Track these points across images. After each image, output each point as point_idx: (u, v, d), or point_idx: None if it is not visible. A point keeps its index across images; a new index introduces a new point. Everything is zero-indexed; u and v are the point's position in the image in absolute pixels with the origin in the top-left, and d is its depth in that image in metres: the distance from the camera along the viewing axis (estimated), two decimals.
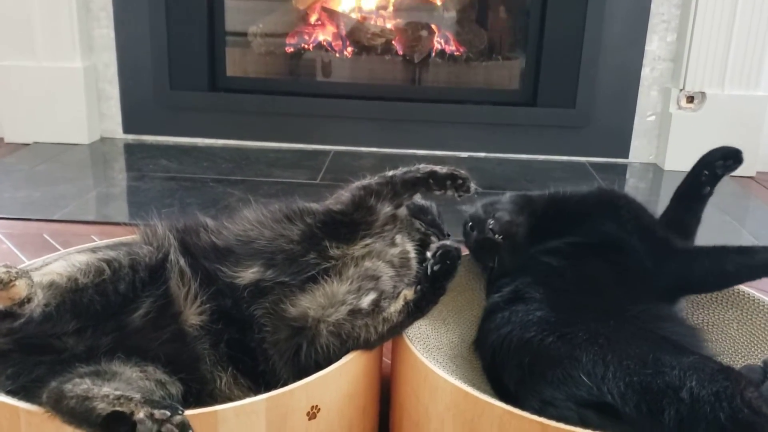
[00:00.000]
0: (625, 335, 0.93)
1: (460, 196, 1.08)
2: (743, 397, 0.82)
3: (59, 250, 1.76)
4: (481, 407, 0.87)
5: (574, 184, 2.46)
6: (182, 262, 0.99)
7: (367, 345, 0.96)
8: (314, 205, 1.09)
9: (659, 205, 2.45)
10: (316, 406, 0.91)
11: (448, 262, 0.98)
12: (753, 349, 1.15)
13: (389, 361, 1.11)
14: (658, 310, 1.03)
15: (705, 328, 1.18)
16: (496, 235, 1.13)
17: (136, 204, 2.18)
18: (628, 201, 1.18)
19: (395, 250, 1.06)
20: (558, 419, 0.86)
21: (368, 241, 1.05)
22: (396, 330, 0.97)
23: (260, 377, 0.96)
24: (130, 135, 2.82)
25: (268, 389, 0.91)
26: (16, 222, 1.96)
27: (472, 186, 1.08)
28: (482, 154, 2.78)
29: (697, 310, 1.22)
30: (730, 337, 1.18)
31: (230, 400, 0.92)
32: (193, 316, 0.96)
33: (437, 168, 1.08)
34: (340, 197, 1.08)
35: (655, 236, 1.11)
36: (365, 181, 1.08)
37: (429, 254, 0.99)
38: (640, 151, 2.76)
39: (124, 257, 0.95)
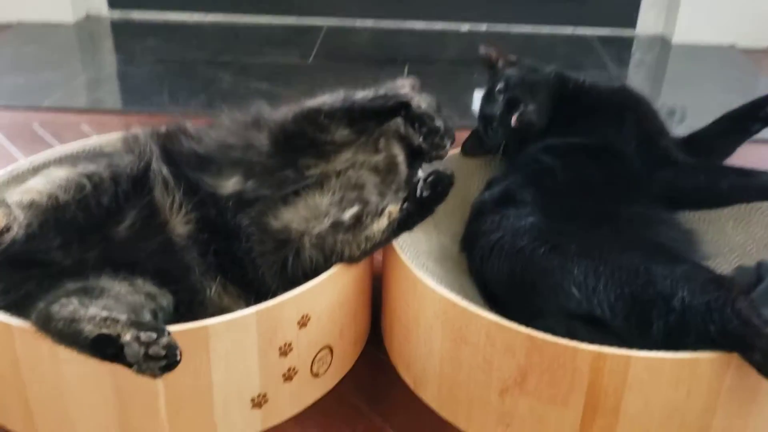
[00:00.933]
0: (618, 244, 0.92)
1: (429, 155, 1.03)
2: (734, 306, 0.81)
3: (50, 143, 1.73)
4: (468, 317, 0.88)
5: (578, 59, 2.39)
6: (165, 171, 0.97)
7: (351, 260, 0.95)
8: (276, 115, 1.05)
9: (666, 78, 2.43)
10: (307, 315, 0.92)
11: (439, 189, 0.91)
12: (748, 248, 1.15)
13: (381, 258, 1.10)
14: (652, 214, 1.02)
15: (701, 225, 1.17)
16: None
17: (125, 90, 2.13)
18: (638, 104, 1.14)
19: (379, 157, 1.03)
20: (546, 331, 0.87)
21: (347, 155, 1.02)
22: (380, 245, 0.95)
23: (250, 285, 0.96)
24: (116, 11, 2.70)
25: (258, 297, 0.92)
26: (4, 112, 1.91)
27: (448, 145, 1.03)
28: (484, 27, 2.67)
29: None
30: (726, 235, 1.17)
31: (221, 309, 0.93)
32: (179, 225, 0.95)
33: (414, 101, 1.01)
34: (291, 110, 1.04)
35: (655, 145, 1.08)
36: (322, 99, 1.04)
37: (420, 177, 0.93)
38: (648, 22, 2.64)
39: (105, 170, 0.93)
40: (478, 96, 2.12)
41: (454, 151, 1.21)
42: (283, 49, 2.42)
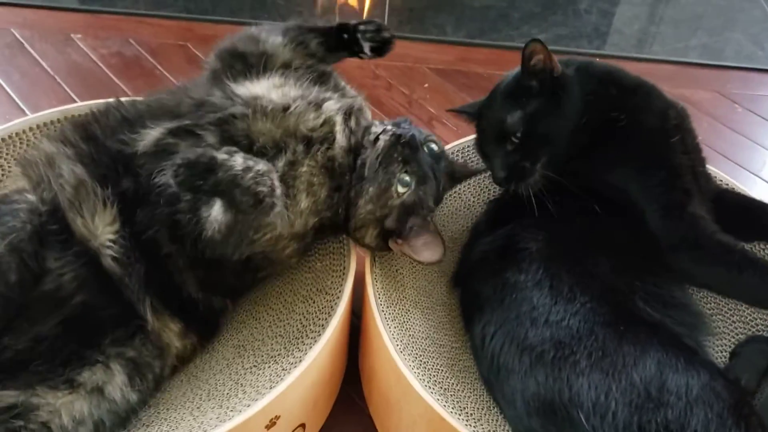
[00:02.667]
0: (634, 349, 0.80)
1: (376, 50, 0.96)
2: None
3: None
4: None
5: None
6: (78, 171, 0.83)
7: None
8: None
9: None
10: (276, 416, 0.82)
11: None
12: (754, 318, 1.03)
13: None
14: (666, 294, 0.90)
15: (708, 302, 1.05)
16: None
17: None
18: (676, 153, 0.94)
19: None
20: None
21: (276, 80, 0.91)
22: None
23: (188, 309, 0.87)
24: None
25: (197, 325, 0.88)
26: None
27: (387, 34, 0.97)
28: None
29: None
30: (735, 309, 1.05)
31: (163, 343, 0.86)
32: (104, 235, 0.81)
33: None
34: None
35: (683, 212, 0.91)
36: None
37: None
38: None
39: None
40: None
41: None
42: None
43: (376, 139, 0.89)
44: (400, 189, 0.88)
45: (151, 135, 0.85)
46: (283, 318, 0.93)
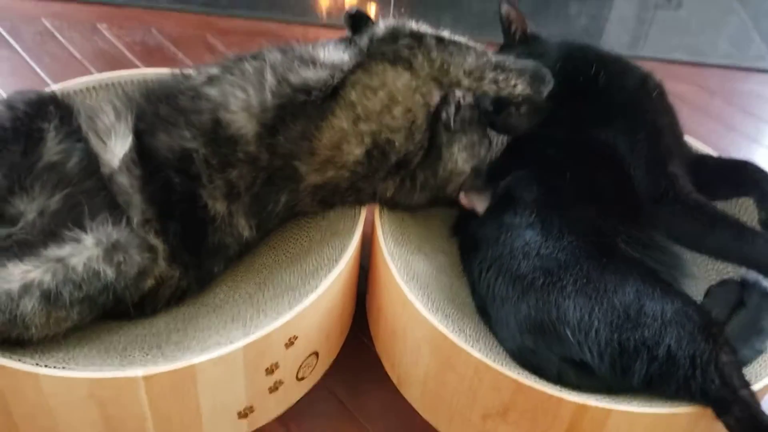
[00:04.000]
0: (614, 278, 0.90)
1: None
2: (717, 363, 0.83)
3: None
4: (458, 351, 0.88)
5: None
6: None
7: None
8: None
9: None
10: (294, 336, 0.91)
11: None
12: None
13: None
14: (648, 238, 0.99)
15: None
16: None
17: None
18: (656, 115, 1.05)
19: None
20: (537, 367, 0.89)
21: None
22: None
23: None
24: None
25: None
26: None
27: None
28: None
29: None
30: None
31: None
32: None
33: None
34: None
35: (664, 171, 1.01)
36: None
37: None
38: None
39: None
40: None
41: None
42: None
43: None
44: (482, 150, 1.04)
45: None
46: (300, 258, 1.03)
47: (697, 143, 1.19)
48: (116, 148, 0.93)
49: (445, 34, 0.98)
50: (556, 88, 1.04)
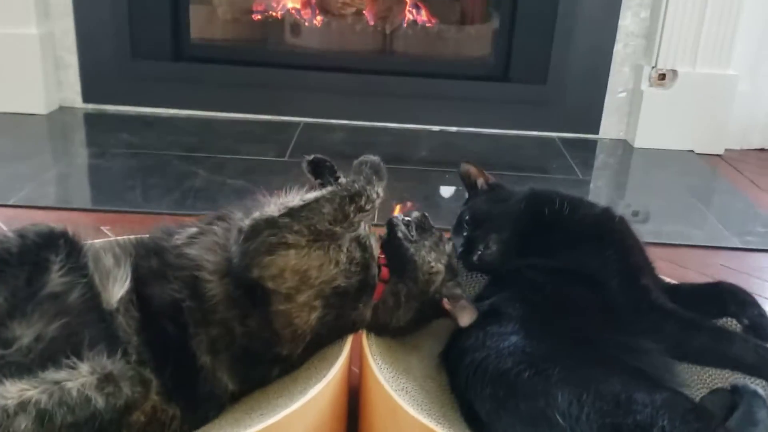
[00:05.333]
0: (600, 369, 0.92)
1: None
2: None
3: None
4: None
5: (544, 161, 2.45)
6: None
7: None
8: None
9: (629, 181, 2.50)
10: None
11: None
12: (727, 374, 1.14)
13: (357, 370, 1.09)
14: (633, 343, 1.02)
15: None
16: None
17: (97, 186, 2.12)
18: (621, 237, 1.15)
19: None
20: None
21: None
22: None
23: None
24: (89, 105, 2.72)
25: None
26: None
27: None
28: (454, 129, 2.75)
29: None
30: None
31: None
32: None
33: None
34: None
35: (637, 284, 1.09)
36: None
37: None
38: (610, 127, 2.75)
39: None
40: (445, 191, 2.18)
41: None
42: (260, 146, 2.44)
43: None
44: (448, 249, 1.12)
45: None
46: (289, 384, 1.03)
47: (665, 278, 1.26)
48: (114, 289, 0.99)
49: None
50: (525, 223, 1.14)
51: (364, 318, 1.06)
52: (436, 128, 2.74)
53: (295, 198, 1.03)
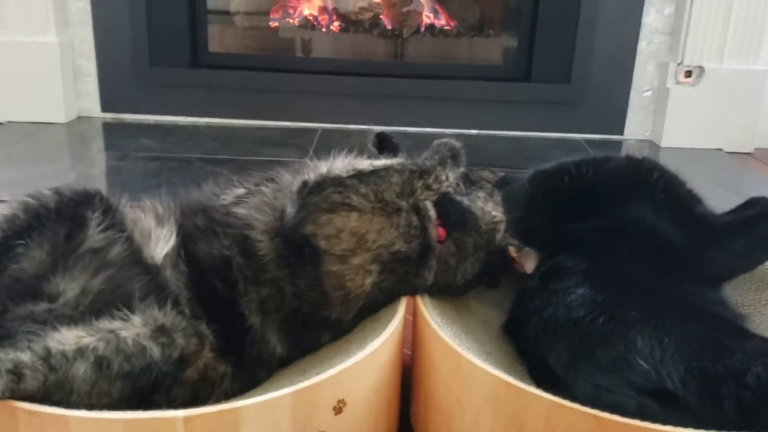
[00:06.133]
0: (679, 315, 0.86)
1: None
2: None
3: None
4: (526, 399, 0.80)
5: None
6: None
7: None
8: None
9: None
10: (342, 400, 0.83)
11: None
12: None
13: (408, 352, 1.04)
14: (704, 294, 0.97)
15: (741, 309, 1.12)
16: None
17: (119, 185, 2.07)
18: (661, 175, 1.10)
19: None
20: (614, 406, 0.79)
21: None
22: None
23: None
24: (108, 114, 2.69)
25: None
26: None
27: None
28: (474, 131, 2.71)
29: (729, 291, 1.15)
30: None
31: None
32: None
33: None
34: None
35: (692, 217, 1.04)
36: None
37: None
38: (636, 127, 2.71)
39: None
40: None
41: None
42: (281, 149, 2.41)
43: None
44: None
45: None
46: (342, 344, 0.98)
47: None
48: (159, 246, 0.95)
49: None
50: (540, 200, 1.10)
51: (427, 282, 1.01)
52: (456, 131, 2.70)
53: (363, 162, 0.99)
